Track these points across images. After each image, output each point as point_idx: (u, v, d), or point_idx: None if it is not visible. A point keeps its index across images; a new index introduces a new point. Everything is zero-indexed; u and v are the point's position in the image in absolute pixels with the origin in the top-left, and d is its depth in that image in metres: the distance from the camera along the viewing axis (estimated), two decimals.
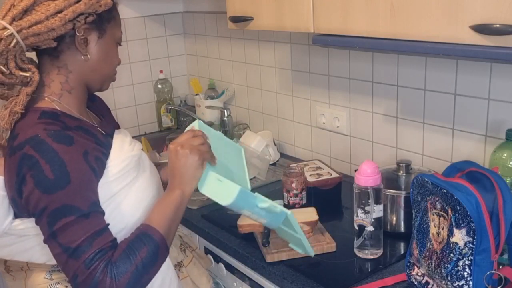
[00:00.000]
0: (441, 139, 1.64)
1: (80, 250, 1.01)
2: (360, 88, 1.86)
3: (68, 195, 1.02)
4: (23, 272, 1.19)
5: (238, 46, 2.41)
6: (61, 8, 1.07)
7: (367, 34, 1.30)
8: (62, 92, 1.15)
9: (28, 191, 1.03)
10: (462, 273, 1.14)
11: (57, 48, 1.12)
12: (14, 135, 1.08)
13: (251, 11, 1.64)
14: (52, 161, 1.02)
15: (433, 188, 1.20)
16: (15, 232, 1.12)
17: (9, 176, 1.07)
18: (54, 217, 1.01)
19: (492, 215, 1.11)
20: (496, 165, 1.30)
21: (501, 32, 1.02)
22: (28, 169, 1.02)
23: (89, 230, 1.02)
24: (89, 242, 1.02)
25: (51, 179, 1.01)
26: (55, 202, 1.01)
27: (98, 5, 1.10)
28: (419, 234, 1.27)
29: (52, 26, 1.06)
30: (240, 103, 2.51)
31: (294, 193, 1.69)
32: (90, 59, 1.15)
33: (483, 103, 1.50)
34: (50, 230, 1.02)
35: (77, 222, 1.02)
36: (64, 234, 1.01)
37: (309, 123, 2.13)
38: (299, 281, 1.33)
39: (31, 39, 1.06)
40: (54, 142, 1.03)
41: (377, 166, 1.37)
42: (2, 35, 1.04)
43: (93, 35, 1.14)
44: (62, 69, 1.14)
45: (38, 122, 1.07)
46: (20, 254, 1.15)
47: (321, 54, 1.98)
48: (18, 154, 1.03)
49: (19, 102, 1.09)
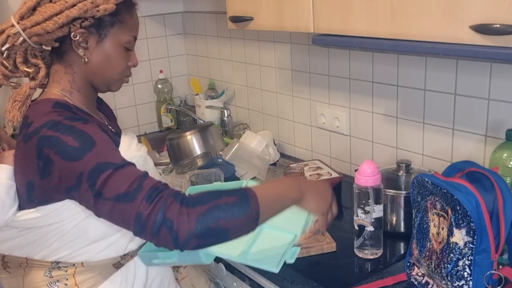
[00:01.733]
0: (441, 139, 1.64)
1: (132, 192, 0.97)
2: (360, 88, 1.86)
3: (97, 154, 1.01)
4: (22, 269, 1.17)
5: (238, 46, 2.41)
6: (56, 12, 1.07)
7: (367, 34, 1.30)
8: (72, 90, 1.16)
9: (60, 167, 1.02)
10: (462, 273, 1.14)
11: (61, 48, 1.13)
12: (28, 123, 1.08)
13: (251, 11, 1.64)
14: (72, 133, 1.02)
15: (433, 188, 1.20)
16: (17, 225, 1.11)
17: (25, 162, 1.07)
18: (93, 178, 0.99)
19: (492, 215, 1.11)
20: (496, 165, 1.30)
21: (501, 32, 1.02)
22: (49, 148, 1.02)
23: (132, 176, 0.99)
24: (138, 183, 0.98)
25: (76, 147, 1.01)
26: (88, 165, 1.00)
27: (95, 10, 1.09)
28: (419, 234, 1.27)
29: (47, 28, 1.07)
30: (240, 103, 2.51)
31: None
32: (90, 62, 1.14)
33: (483, 103, 1.50)
34: (94, 190, 0.99)
35: (116, 173, 0.99)
36: (108, 187, 0.98)
37: (309, 123, 2.13)
38: (299, 281, 1.33)
39: (34, 38, 1.09)
40: (71, 121, 1.05)
41: (377, 166, 1.37)
42: (10, 32, 1.08)
43: (92, 39, 1.13)
44: (68, 68, 1.15)
45: (53, 110, 1.08)
46: (20, 249, 1.15)
47: (321, 54, 1.98)
48: (35, 139, 1.03)
49: (21, 93, 1.11)
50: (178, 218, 0.93)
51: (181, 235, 0.93)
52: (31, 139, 1.04)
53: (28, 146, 1.05)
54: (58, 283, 1.15)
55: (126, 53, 1.18)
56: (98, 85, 1.20)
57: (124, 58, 1.18)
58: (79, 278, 1.14)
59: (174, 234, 0.93)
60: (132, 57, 1.20)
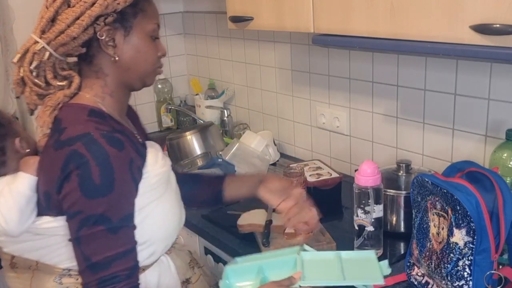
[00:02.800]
0: (441, 139, 1.64)
1: (98, 266, 1.01)
2: (360, 88, 1.86)
3: (106, 203, 1.00)
4: (30, 271, 1.14)
5: (238, 46, 2.41)
6: (78, 15, 1.04)
7: (367, 34, 1.30)
8: (104, 95, 1.13)
9: (70, 189, 1.00)
10: (462, 273, 1.14)
11: (88, 53, 1.10)
12: (60, 128, 1.05)
13: (251, 11, 1.64)
14: (102, 165, 0.99)
15: (433, 188, 1.20)
16: (32, 230, 1.09)
17: (50, 170, 1.04)
18: (85, 223, 1.00)
19: (492, 215, 1.11)
20: (496, 165, 1.30)
21: (501, 32, 1.02)
22: (75, 167, 0.99)
23: (113, 249, 1.02)
24: (108, 262, 1.01)
25: (96, 184, 0.99)
26: (90, 209, 1.00)
27: (116, 3, 1.05)
28: (419, 234, 1.27)
29: (72, 34, 1.04)
30: (240, 103, 2.51)
31: None
32: (121, 59, 1.11)
33: (483, 103, 1.50)
34: (77, 234, 1.01)
35: (104, 235, 1.01)
36: (88, 243, 1.01)
37: (309, 123, 2.13)
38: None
39: (61, 49, 1.06)
40: (108, 144, 1.01)
41: (377, 166, 1.37)
42: (34, 49, 1.05)
43: (119, 34, 1.09)
44: (99, 73, 1.12)
45: (88, 119, 1.06)
46: (31, 252, 1.13)
47: (321, 54, 1.98)
48: (67, 150, 1.00)
49: (53, 99, 1.08)
50: None
51: None
52: (62, 148, 1.02)
53: (58, 154, 1.02)
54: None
55: (153, 43, 1.15)
56: (133, 82, 1.16)
57: (153, 48, 1.15)
58: None
59: None
60: (160, 46, 1.17)
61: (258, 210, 1.66)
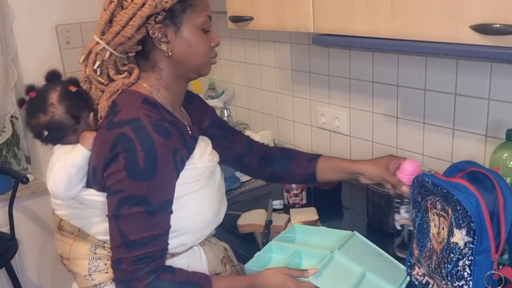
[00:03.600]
0: (441, 139, 1.64)
1: (134, 244, 1.06)
2: (360, 88, 1.86)
3: (148, 187, 1.06)
4: (72, 237, 1.21)
5: (238, 46, 2.41)
6: (130, 16, 1.10)
7: (367, 34, 1.30)
8: (159, 87, 1.19)
9: (116, 169, 1.06)
10: (462, 273, 1.14)
11: (144, 50, 1.16)
12: (115, 111, 1.12)
13: (251, 11, 1.64)
14: (147, 151, 1.05)
15: (434, 188, 1.20)
16: (78, 199, 1.17)
17: (101, 148, 1.11)
18: (126, 202, 1.06)
19: (492, 215, 1.11)
20: (496, 165, 1.30)
21: (501, 32, 1.02)
22: (122, 149, 1.05)
23: (149, 231, 1.07)
24: (144, 242, 1.07)
25: (140, 168, 1.05)
26: (133, 190, 1.06)
27: (164, 2, 1.10)
28: (419, 234, 1.27)
29: (127, 35, 1.11)
30: (240, 103, 2.51)
31: (294, 193, 1.69)
32: (173, 54, 1.16)
33: (483, 103, 1.50)
34: (116, 211, 1.07)
35: (143, 216, 1.07)
36: (127, 222, 1.07)
37: (309, 123, 2.13)
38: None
39: (119, 48, 1.14)
40: (154, 131, 1.07)
41: (419, 164, 1.33)
42: (97, 50, 1.13)
43: (170, 31, 1.14)
44: (155, 67, 1.18)
45: (141, 106, 1.12)
46: (75, 220, 1.20)
47: (321, 54, 1.98)
48: (117, 131, 1.07)
49: (113, 86, 1.16)
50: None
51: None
52: (113, 129, 1.08)
53: (108, 134, 1.08)
54: (99, 260, 1.18)
55: (205, 35, 1.18)
56: (188, 73, 1.21)
57: (204, 40, 1.18)
58: None
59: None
60: (213, 37, 1.20)
61: (258, 210, 1.66)
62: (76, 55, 2.47)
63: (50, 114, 1.18)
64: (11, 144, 2.42)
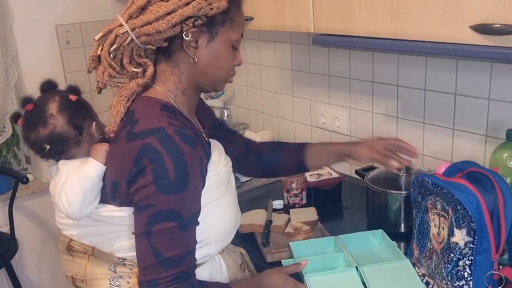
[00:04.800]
0: (441, 139, 1.64)
1: (171, 262, 1.01)
2: (360, 88, 1.86)
3: (179, 200, 1.01)
4: (86, 256, 1.16)
5: None
6: (169, 10, 1.04)
7: (367, 34, 1.30)
8: (177, 92, 1.13)
9: (144, 183, 1.00)
10: (463, 273, 1.14)
11: (169, 48, 1.10)
12: (133, 120, 1.05)
13: (251, 11, 1.64)
14: (176, 162, 0.99)
15: (434, 188, 1.20)
16: (93, 216, 1.11)
17: (122, 161, 1.04)
18: (158, 218, 1.00)
19: (492, 215, 1.11)
20: (496, 165, 1.30)
21: (501, 32, 1.02)
22: (149, 161, 0.99)
23: (184, 247, 1.03)
24: (179, 258, 1.02)
25: (171, 181, 0.99)
26: (164, 204, 1.00)
27: (209, 8, 1.05)
28: (419, 234, 1.27)
29: (159, 28, 1.03)
30: (240, 103, 2.51)
31: (294, 193, 1.69)
32: (199, 62, 1.10)
33: (483, 103, 1.50)
34: (148, 228, 1.01)
35: (176, 232, 1.01)
36: (160, 239, 1.01)
37: (309, 123, 2.13)
38: (299, 281, 1.33)
39: (143, 38, 1.05)
40: (181, 141, 1.01)
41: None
42: (118, 32, 1.04)
43: (203, 38, 1.09)
44: (175, 69, 1.12)
45: (161, 113, 1.06)
46: (89, 238, 1.14)
47: (321, 54, 1.98)
48: (140, 142, 1.01)
49: (127, 88, 1.08)
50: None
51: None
52: (135, 140, 1.02)
53: (130, 146, 1.02)
54: (121, 279, 1.13)
55: (233, 52, 1.14)
56: (205, 85, 1.16)
57: (231, 57, 1.14)
58: None
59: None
60: (238, 56, 1.17)
61: (258, 210, 1.66)
62: (76, 55, 2.49)
63: (51, 126, 1.11)
64: (11, 144, 2.42)
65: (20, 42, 2.31)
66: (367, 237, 1.45)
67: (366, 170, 1.71)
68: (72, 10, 2.43)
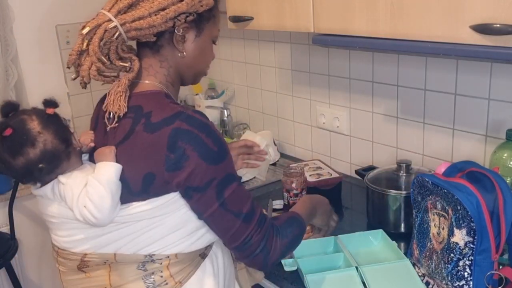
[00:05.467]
0: (441, 139, 1.64)
1: (249, 214, 1.10)
2: (360, 88, 1.86)
3: (228, 163, 1.09)
4: (106, 266, 1.13)
5: (238, 46, 2.41)
6: (164, 6, 1.09)
7: (367, 34, 1.30)
8: (168, 84, 1.18)
9: (194, 164, 1.04)
10: (463, 273, 1.14)
11: (157, 43, 1.15)
12: (145, 113, 1.08)
13: (251, 11, 1.64)
14: (211, 135, 1.06)
15: (434, 188, 1.20)
16: (118, 219, 1.09)
17: (148, 153, 1.05)
18: (223, 187, 1.07)
19: (492, 215, 1.11)
20: (496, 165, 1.30)
21: (501, 32, 1.02)
22: (186, 143, 1.03)
23: (249, 196, 1.12)
24: (253, 206, 1.12)
25: (215, 151, 1.06)
26: (221, 172, 1.07)
27: (199, 5, 1.13)
28: (419, 234, 1.27)
29: (154, 23, 1.09)
30: (240, 103, 2.51)
31: (294, 193, 1.69)
32: (186, 56, 1.17)
33: (483, 103, 1.50)
34: (220, 199, 1.07)
35: (239, 188, 1.10)
36: (234, 201, 1.09)
37: (309, 123, 2.13)
38: (299, 281, 1.33)
39: (133, 32, 1.09)
40: (202, 117, 1.08)
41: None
42: (107, 27, 1.07)
43: (191, 33, 1.16)
44: (164, 63, 1.17)
45: (170, 102, 1.11)
46: (110, 245, 1.11)
47: (321, 54, 1.98)
48: (168, 129, 1.04)
49: (121, 84, 1.11)
50: (274, 249, 1.13)
51: (270, 262, 1.14)
52: (160, 129, 1.04)
53: (157, 136, 1.04)
54: (154, 275, 1.12)
55: (212, 47, 1.24)
56: (188, 78, 1.23)
57: (212, 51, 1.24)
58: (173, 270, 1.13)
59: (266, 261, 1.13)
60: (213, 51, 1.26)
61: None
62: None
63: (41, 144, 1.05)
64: None
65: (20, 42, 2.31)
66: (367, 237, 1.45)
67: (366, 170, 1.71)
68: (72, 10, 2.43)
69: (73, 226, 1.11)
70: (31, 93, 2.32)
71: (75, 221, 1.09)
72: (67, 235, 1.13)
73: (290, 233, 1.18)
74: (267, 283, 1.44)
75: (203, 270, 1.18)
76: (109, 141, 1.11)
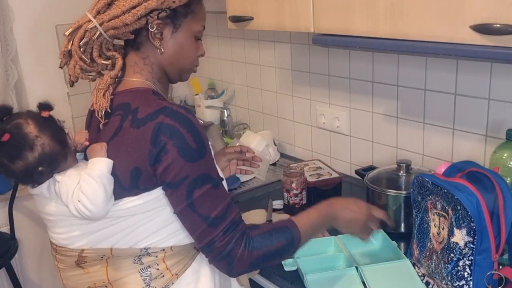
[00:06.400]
0: (441, 139, 1.64)
1: (217, 220, 1.08)
2: (360, 88, 1.86)
3: (205, 163, 1.08)
4: (103, 261, 1.14)
5: (238, 46, 2.41)
6: (135, 4, 1.11)
7: (367, 34, 1.30)
8: (154, 80, 1.20)
9: (171, 159, 1.05)
10: (463, 273, 1.14)
11: (136, 40, 1.17)
12: (132, 109, 1.10)
13: (251, 11, 1.64)
14: (192, 131, 1.06)
15: (434, 188, 1.20)
16: (112, 214, 1.10)
17: (134, 148, 1.07)
18: (194, 186, 1.06)
19: (492, 215, 1.11)
20: (496, 165, 1.30)
21: (501, 32, 1.02)
22: (168, 137, 1.05)
23: (222, 201, 1.09)
24: (223, 213, 1.09)
25: (194, 148, 1.06)
26: (196, 171, 1.06)
27: (171, 1, 1.13)
28: (419, 234, 1.27)
29: (126, 21, 1.11)
30: (240, 103, 2.51)
31: (294, 193, 1.69)
32: (165, 53, 1.18)
33: (483, 103, 1.50)
34: (189, 199, 1.07)
35: (212, 191, 1.08)
36: (202, 203, 1.07)
37: (309, 123, 2.13)
38: (299, 281, 1.33)
39: (111, 31, 1.13)
40: (187, 113, 1.08)
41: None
42: (87, 27, 1.12)
43: (167, 29, 1.17)
44: (147, 60, 1.19)
45: (156, 99, 1.12)
46: (106, 240, 1.13)
47: (321, 54, 1.98)
48: (152, 124, 1.05)
49: (102, 82, 1.14)
50: (239, 259, 1.09)
51: (234, 271, 1.12)
52: (145, 124, 1.06)
53: (142, 131, 1.06)
54: (150, 268, 1.14)
55: (196, 43, 1.23)
56: (172, 75, 1.23)
57: (195, 48, 1.23)
58: (169, 262, 1.14)
59: (230, 267, 1.10)
60: (200, 47, 1.25)
61: (258, 210, 1.66)
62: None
63: (39, 147, 1.06)
64: None
65: (20, 42, 2.31)
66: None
67: (366, 170, 1.71)
68: (72, 10, 2.41)
69: (70, 223, 1.13)
70: (31, 93, 2.31)
71: (72, 218, 1.11)
72: (64, 232, 1.15)
73: (270, 245, 1.12)
74: (267, 283, 1.44)
75: (199, 262, 1.18)
76: (101, 138, 1.14)
